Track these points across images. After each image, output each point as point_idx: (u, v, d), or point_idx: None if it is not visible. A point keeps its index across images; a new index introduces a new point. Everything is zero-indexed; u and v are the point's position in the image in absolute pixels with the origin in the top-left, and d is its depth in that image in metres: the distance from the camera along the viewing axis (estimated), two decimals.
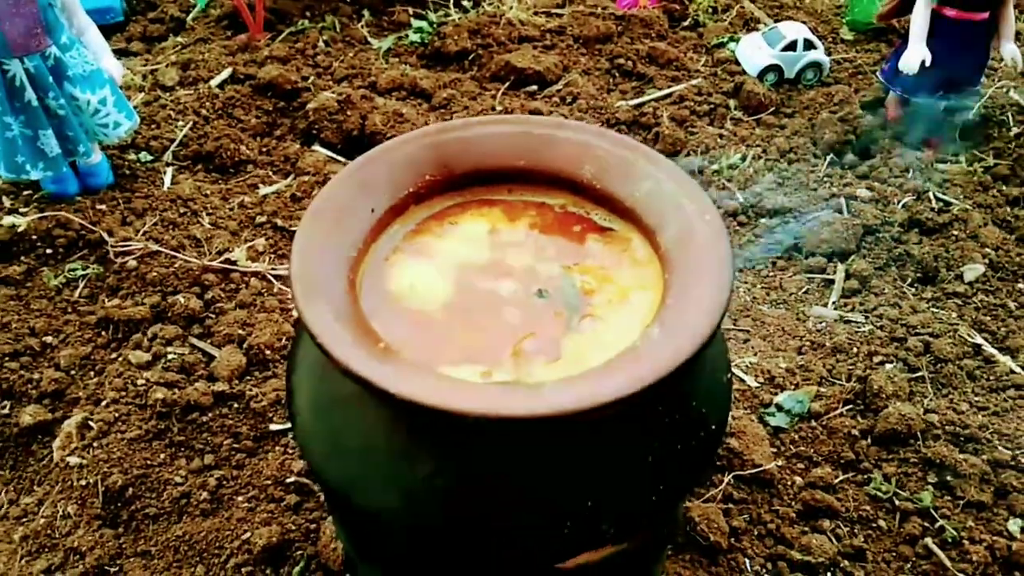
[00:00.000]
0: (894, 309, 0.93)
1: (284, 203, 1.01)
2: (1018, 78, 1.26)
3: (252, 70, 1.18)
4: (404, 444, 0.46)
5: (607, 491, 0.46)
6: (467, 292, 0.51)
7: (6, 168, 0.93)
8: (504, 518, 0.46)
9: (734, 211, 1.05)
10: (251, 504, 0.73)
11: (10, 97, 0.89)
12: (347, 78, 1.20)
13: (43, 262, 0.92)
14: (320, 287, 0.47)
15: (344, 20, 1.33)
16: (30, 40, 0.88)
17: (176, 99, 1.13)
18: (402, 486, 0.46)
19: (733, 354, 0.88)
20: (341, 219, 0.51)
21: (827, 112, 1.17)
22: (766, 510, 0.76)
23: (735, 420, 0.80)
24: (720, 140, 1.13)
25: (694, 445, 0.49)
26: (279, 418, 0.79)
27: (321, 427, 0.50)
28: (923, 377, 0.86)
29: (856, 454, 0.80)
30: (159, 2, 1.35)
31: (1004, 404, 0.84)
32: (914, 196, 1.06)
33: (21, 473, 0.77)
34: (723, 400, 0.52)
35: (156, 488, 0.73)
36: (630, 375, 0.42)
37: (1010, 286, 0.96)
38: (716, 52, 1.30)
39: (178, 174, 1.03)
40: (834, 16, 1.40)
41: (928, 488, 0.77)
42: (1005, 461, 0.78)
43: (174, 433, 0.77)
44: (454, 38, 1.28)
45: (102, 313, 0.86)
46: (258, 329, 0.84)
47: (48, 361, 0.83)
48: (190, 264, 0.90)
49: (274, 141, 1.11)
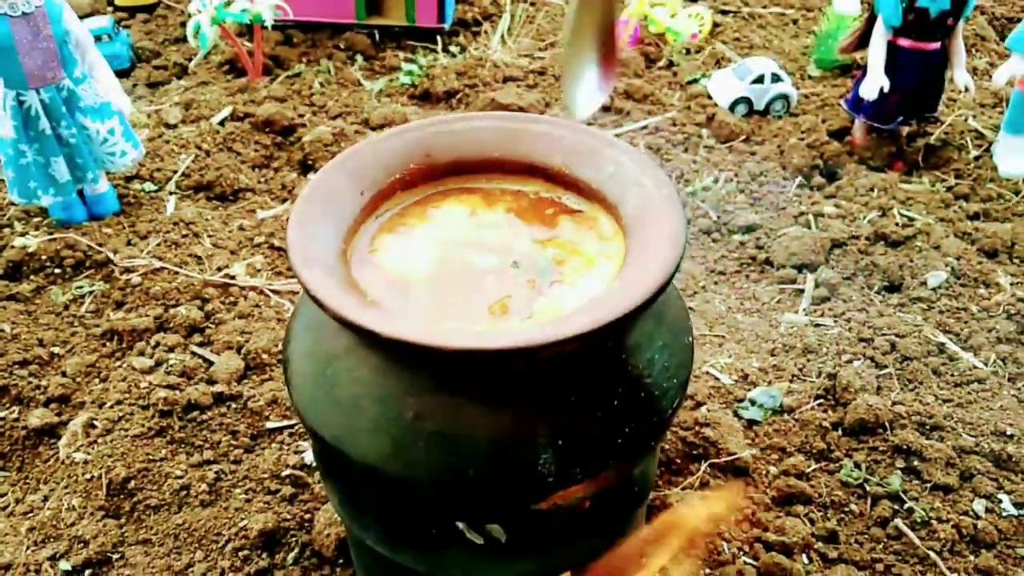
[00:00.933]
0: (862, 314, 0.98)
1: (281, 225, 1.06)
2: (976, 107, 1.34)
3: (251, 108, 1.24)
4: (392, 390, 0.50)
5: (577, 430, 0.50)
6: (448, 264, 0.56)
7: (20, 193, 0.99)
8: (483, 459, 0.50)
9: (708, 229, 1.10)
10: (248, 495, 0.77)
11: (25, 126, 0.95)
12: (341, 115, 1.27)
13: (52, 280, 0.97)
14: (315, 254, 0.51)
15: (339, 65, 1.41)
16: (47, 73, 0.94)
17: (179, 135, 1.19)
18: (391, 432, 0.50)
19: (708, 356, 0.93)
20: (332, 199, 0.56)
21: (795, 139, 1.24)
22: (742, 496, 0.79)
23: (710, 412, 0.84)
24: (694, 165, 1.20)
25: (656, 395, 0.53)
26: (275, 416, 0.83)
27: (316, 385, 0.54)
28: (890, 373, 0.90)
29: (827, 444, 0.84)
30: (163, 51, 1.43)
31: (968, 396, 0.88)
32: (879, 212, 1.12)
33: (28, 473, 0.80)
34: (686, 357, 0.56)
35: (157, 481, 0.77)
36: (592, 317, 0.47)
37: (972, 291, 1.01)
38: (689, 88, 1.38)
39: (180, 201, 1.09)
40: (801, 55, 1.48)
41: (897, 473, 0.81)
42: (969, 447, 0.82)
43: (175, 431, 0.80)
44: (442, 79, 1.36)
45: (107, 325, 0.91)
46: (256, 336, 0.89)
47: (55, 369, 0.87)
48: (192, 279, 0.95)
49: (272, 172, 1.17)
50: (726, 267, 1.06)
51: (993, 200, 1.15)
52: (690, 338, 0.58)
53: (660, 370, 0.54)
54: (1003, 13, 1.65)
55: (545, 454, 0.50)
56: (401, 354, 0.49)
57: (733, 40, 1.51)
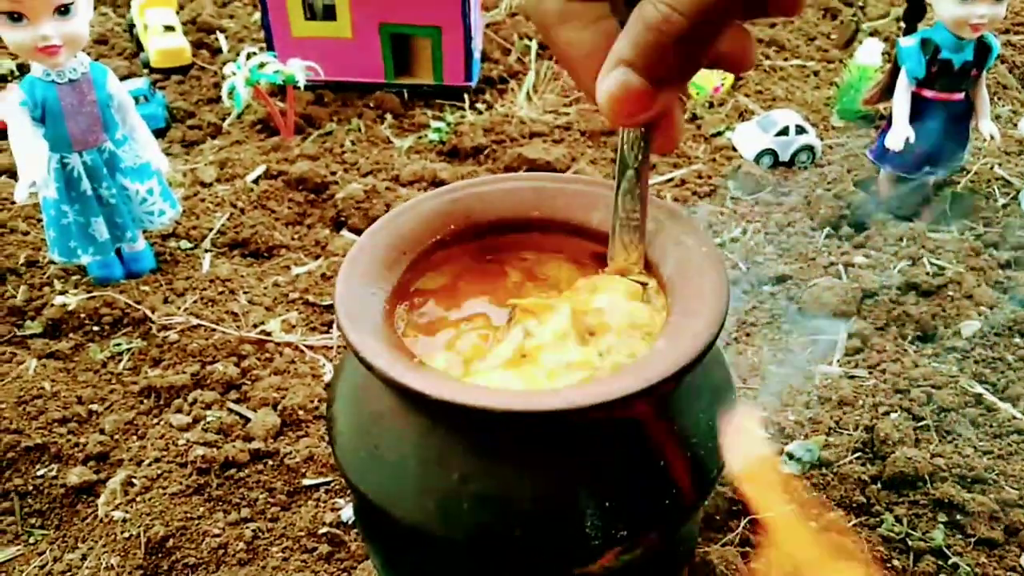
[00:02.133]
0: (896, 364, 0.97)
1: (315, 281, 1.07)
2: (1001, 155, 1.34)
3: (284, 167, 1.27)
4: (437, 451, 0.51)
5: (622, 493, 0.50)
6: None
7: (60, 252, 1.01)
8: (528, 521, 0.50)
9: (737, 280, 1.10)
10: (285, 554, 0.77)
11: (68, 187, 0.98)
12: (372, 172, 1.30)
13: (90, 338, 0.99)
14: (360, 314, 0.52)
15: (368, 123, 1.44)
16: (89, 136, 0.97)
17: (214, 193, 1.22)
18: (436, 493, 0.51)
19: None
20: (376, 260, 0.57)
21: (822, 189, 1.25)
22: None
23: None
24: (721, 217, 1.21)
25: (702, 455, 0.53)
26: (312, 473, 0.83)
27: (360, 446, 0.54)
28: (928, 425, 0.89)
29: (867, 498, 0.82)
30: (197, 111, 1.46)
31: (1008, 448, 0.87)
32: (909, 262, 1.11)
33: (66, 532, 0.81)
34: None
35: (195, 539, 0.77)
36: (637, 377, 0.47)
37: (1007, 340, 1.00)
38: (714, 140, 1.39)
39: (216, 259, 1.11)
40: (824, 106, 1.49)
41: (939, 527, 0.79)
42: (1013, 500, 0.81)
43: (213, 488, 0.81)
44: (470, 135, 1.38)
45: (145, 383, 0.92)
46: (292, 393, 0.90)
47: (94, 427, 0.88)
48: (228, 336, 0.97)
49: (305, 228, 1.19)
50: (757, 319, 1.06)
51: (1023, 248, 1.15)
52: (733, 396, 0.58)
53: (705, 430, 0.54)
54: (1023, 61, 1.66)
55: (590, 517, 0.50)
56: (447, 415, 0.50)
57: (755, 93, 1.53)
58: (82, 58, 0.96)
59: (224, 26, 1.72)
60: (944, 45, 1.13)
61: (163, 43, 1.56)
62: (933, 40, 1.14)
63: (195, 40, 1.65)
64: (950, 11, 1.10)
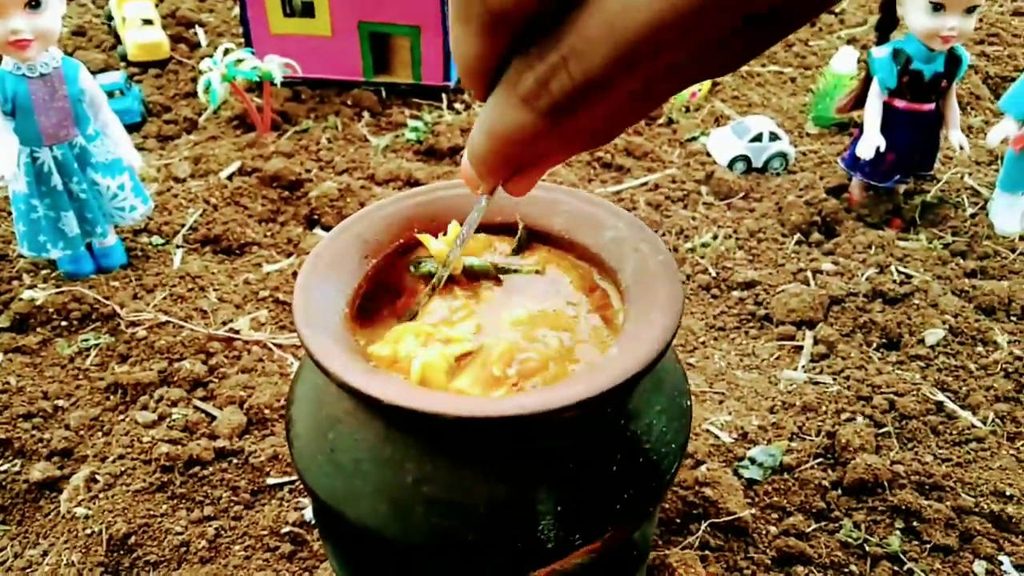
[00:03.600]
0: (860, 371, 0.98)
1: (286, 279, 1.07)
2: (971, 165, 1.36)
3: (259, 163, 1.27)
4: (391, 454, 0.51)
5: (576, 496, 0.51)
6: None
7: (29, 247, 1.00)
8: (482, 525, 0.50)
9: (707, 285, 1.11)
10: (247, 552, 0.77)
11: (38, 182, 0.98)
12: (347, 170, 1.30)
13: (57, 333, 0.98)
14: (319, 318, 0.53)
15: (345, 121, 1.44)
16: (60, 131, 0.97)
17: (187, 189, 1.21)
18: (390, 496, 0.51)
19: (708, 413, 0.93)
20: (337, 263, 0.58)
21: (793, 196, 1.26)
22: (742, 557, 0.79)
23: (710, 472, 0.84)
24: (693, 222, 1.21)
25: (655, 460, 0.54)
26: (276, 472, 0.83)
27: (316, 448, 0.55)
28: (889, 432, 0.91)
29: (827, 504, 0.84)
30: (174, 105, 1.46)
31: (967, 456, 0.88)
32: (877, 270, 1.13)
33: (28, 527, 0.80)
34: (684, 421, 0.57)
35: (157, 537, 0.77)
36: (589, 384, 0.47)
37: (970, 349, 1.01)
38: (689, 145, 1.40)
39: (187, 255, 1.11)
40: (799, 113, 1.51)
41: (896, 533, 0.80)
42: (969, 508, 0.82)
43: (176, 486, 0.81)
44: (447, 136, 1.38)
45: (111, 379, 0.92)
46: (258, 391, 0.90)
47: (59, 422, 0.88)
48: (196, 333, 0.96)
49: (278, 226, 1.19)
50: (725, 323, 1.07)
51: (990, 257, 1.17)
52: (688, 402, 0.59)
53: (658, 435, 0.55)
54: (997, 72, 1.68)
55: (544, 520, 0.51)
56: (401, 420, 0.50)
57: (732, 98, 1.54)
58: (54, 52, 0.95)
59: (203, 20, 1.71)
60: (915, 56, 1.15)
61: (141, 36, 1.55)
62: (905, 51, 1.15)
63: (174, 34, 1.64)
64: (921, 23, 1.12)
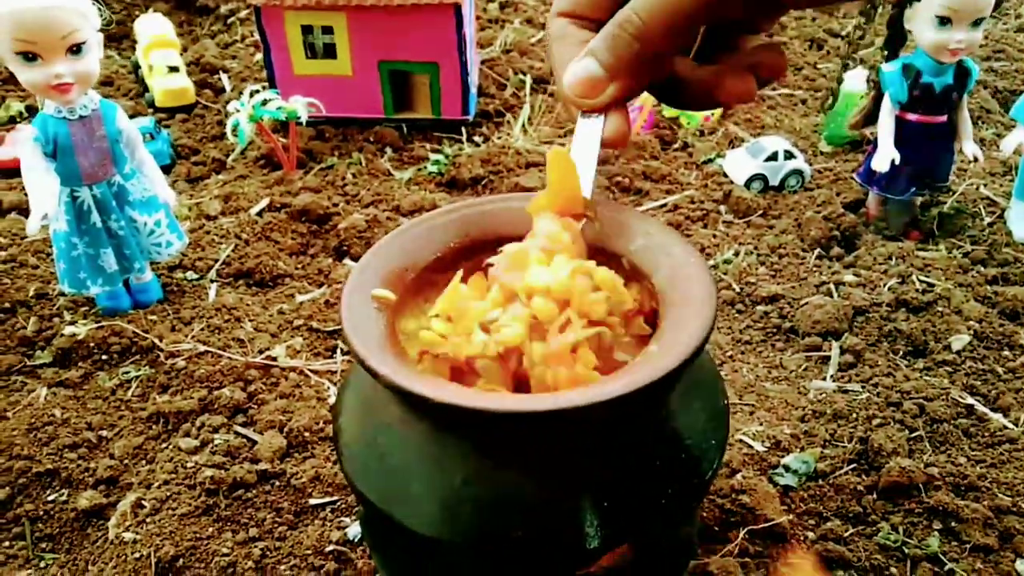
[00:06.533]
0: (888, 378, 0.99)
1: (319, 308, 1.10)
2: (986, 176, 1.38)
3: (287, 199, 1.30)
4: (439, 455, 0.53)
5: (620, 493, 0.52)
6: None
7: (70, 284, 1.04)
8: (529, 522, 0.52)
9: (731, 300, 1.13)
10: (293, 572, 0.78)
11: (78, 220, 1.01)
12: (373, 203, 1.33)
13: (99, 367, 1.01)
14: (365, 326, 0.55)
15: (369, 157, 1.48)
16: (99, 171, 1.00)
17: (219, 226, 1.25)
18: (440, 495, 0.52)
19: (740, 424, 0.94)
20: (380, 276, 0.60)
21: (812, 212, 1.28)
22: (782, 563, 0.79)
23: (745, 479, 0.85)
24: (714, 240, 1.23)
25: (696, 457, 0.55)
26: (318, 493, 0.85)
27: (366, 454, 0.56)
28: (920, 436, 0.91)
29: (863, 508, 0.84)
30: (202, 147, 1.50)
31: (1000, 457, 0.89)
32: (899, 280, 1.14)
33: (77, 555, 0.82)
34: (722, 419, 0.58)
35: (204, 559, 0.78)
36: (629, 380, 0.49)
37: (996, 353, 1.02)
38: (705, 167, 1.43)
39: (222, 288, 1.14)
40: (812, 133, 1.53)
41: (935, 535, 0.81)
42: (1006, 507, 0.82)
43: (221, 509, 0.82)
44: (468, 167, 1.42)
45: (153, 408, 0.94)
46: (297, 415, 0.91)
47: (103, 452, 0.90)
48: (234, 362, 0.99)
49: (308, 258, 1.22)
50: (752, 337, 1.08)
51: (1010, 264, 1.18)
52: (725, 401, 0.60)
53: (699, 433, 0.56)
54: (1005, 86, 1.70)
55: (588, 516, 0.52)
56: (449, 419, 0.52)
57: (745, 121, 1.57)
58: (92, 95, 0.99)
59: (227, 66, 1.77)
60: (925, 70, 1.17)
61: (167, 83, 1.61)
62: (914, 65, 1.18)
63: (199, 80, 1.70)
64: (929, 37, 1.14)
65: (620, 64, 0.48)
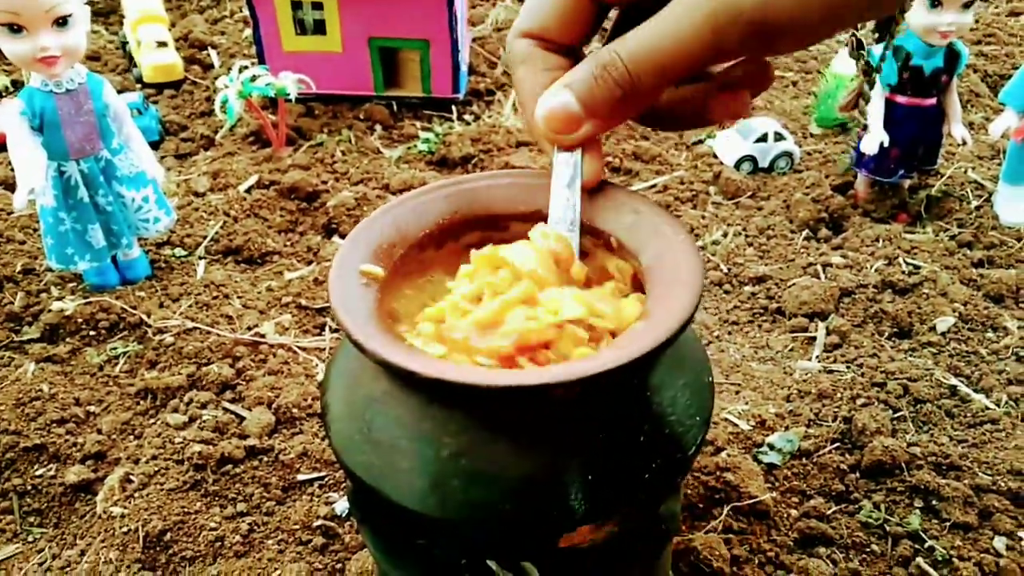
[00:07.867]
0: (873, 359, 1.00)
1: (308, 286, 1.10)
2: (974, 159, 1.38)
3: (276, 176, 1.30)
4: (429, 429, 0.53)
5: (605, 466, 0.53)
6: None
7: (57, 259, 1.03)
8: (516, 495, 0.52)
9: (719, 281, 1.14)
10: (280, 546, 0.79)
11: (65, 195, 1.00)
12: (362, 181, 1.32)
13: (87, 343, 1.01)
14: (354, 301, 0.55)
15: (359, 134, 1.47)
16: (86, 145, 1.00)
17: (207, 203, 1.24)
18: (428, 470, 0.53)
19: (726, 403, 0.95)
20: (368, 252, 0.60)
21: (800, 194, 1.28)
22: (765, 539, 0.80)
23: (730, 457, 0.86)
24: (703, 221, 1.24)
25: (680, 432, 0.56)
26: (306, 469, 0.85)
27: (353, 429, 0.57)
28: (904, 416, 0.92)
29: (846, 486, 0.85)
30: (190, 124, 1.49)
31: (982, 437, 0.90)
32: (885, 262, 1.15)
33: (65, 529, 0.82)
34: (707, 396, 0.59)
35: (192, 533, 0.79)
36: (616, 355, 0.50)
37: (980, 335, 1.03)
38: (695, 148, 1.43)
39: (210, 265, 1.13)
40: (802, 115, 1.53)
41: (916, 513, 0.82)
42: (987, 486, 0.84)
43: (209, 484, 0.83)
44: (458, 145, 1.41)
45: (141, 384, 0.94)
46: (285, 392, 0.92)
47: (91, 427, 0.90)
48: (223, 339, 0.99)
49: (297, 235, 1.22)
50: (739, 317, 1.09)
51: (996, 247, 1.19)
52: (710, 378, 0.61)
53: (683, 408, 0.56)
54: (995, 71, 1.71)
55: (575, 489, 0.52)
56: (436, 393, 0.52)
57: None
58: (79, 69, 0.99)
59: (216, 42, 1.75)
60: (915, 52, 1.17)
61: (156, 58, 1.59)
62: (904, 48, 1.18)
63: (187, 56, 1.68)
64: (920, 19, 1.14)
65: (598, 106, 0.44)
